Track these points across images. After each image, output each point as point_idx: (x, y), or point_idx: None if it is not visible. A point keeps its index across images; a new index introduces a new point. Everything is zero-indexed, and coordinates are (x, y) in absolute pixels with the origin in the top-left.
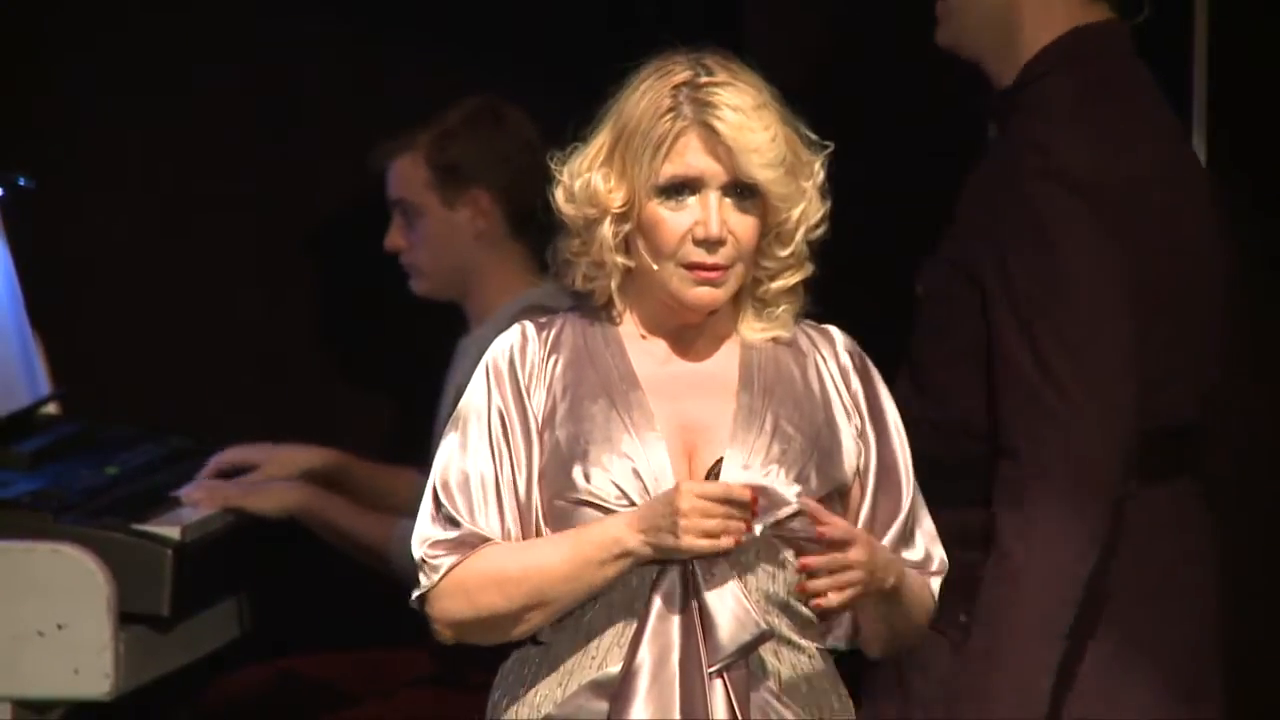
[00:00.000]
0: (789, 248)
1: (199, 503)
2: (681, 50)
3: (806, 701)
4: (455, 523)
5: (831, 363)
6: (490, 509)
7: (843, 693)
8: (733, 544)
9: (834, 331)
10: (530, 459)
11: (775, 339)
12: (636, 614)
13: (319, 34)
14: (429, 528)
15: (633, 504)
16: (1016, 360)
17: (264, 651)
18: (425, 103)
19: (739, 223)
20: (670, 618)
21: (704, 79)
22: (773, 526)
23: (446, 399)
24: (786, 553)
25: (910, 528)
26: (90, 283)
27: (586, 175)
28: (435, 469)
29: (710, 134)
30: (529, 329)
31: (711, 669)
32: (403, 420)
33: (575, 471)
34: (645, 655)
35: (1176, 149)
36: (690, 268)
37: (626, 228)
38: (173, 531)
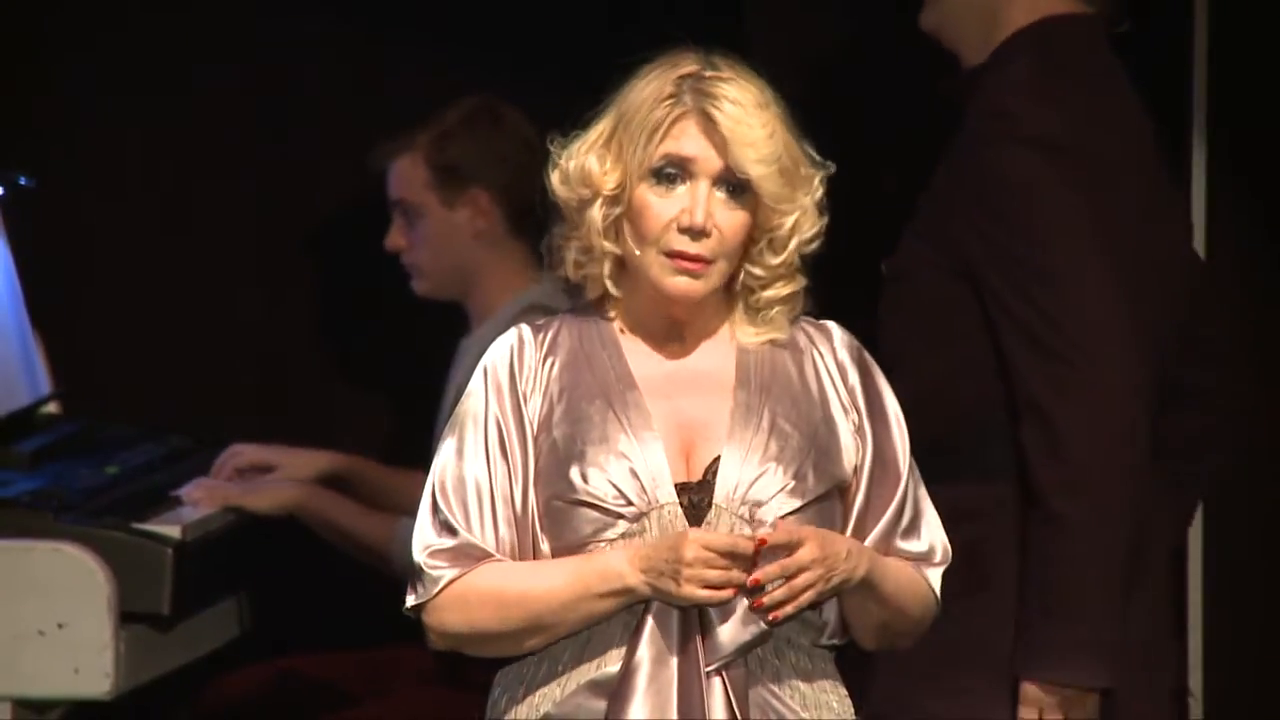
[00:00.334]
0: (780, 256)
1: (199, 502)
2: (693, 49)
3: (806, 701)
4: (453, 530)
5: (829, 359)
6: (486, 518)
7: (842, 692)
8: (732, 595)
9: (832, 327)
10: (527, 467)
11: (772, 341)
12: (636, 613)
13: (319, 34)
14: (428, 533)
15: (630, 503)
16: (1021, 322)
17: (264, 651)
18: (425, 103)
19: (726, 218)
20: (669, 617)
21: (710, 73)
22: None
23: (448, 399)
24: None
25: (914, 520)
26: (90, 283)
27: (582, 157)
28: (434, 471)
29: (708, 123)
30: (525, 332)
31: (710, 668)
32: (403, 420)
33: (572, 472)
34: (644, 654)
35: (1142, 140)
36: (672, 256)
37: (617, 211)
38: (173, 531)
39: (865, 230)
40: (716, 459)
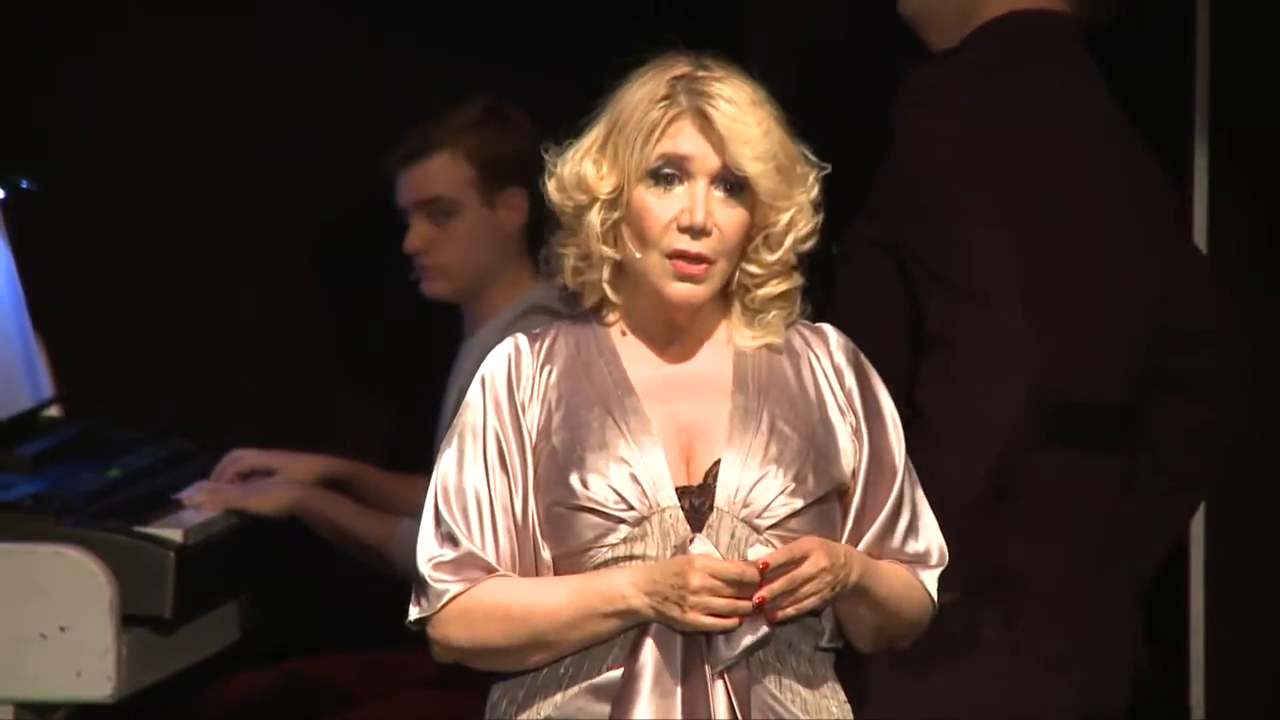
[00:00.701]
0: (777, 253)
1: (201, 505)
2: (684, 51)
3: (807, 705)
4: (455, 541)
5: (825, 361)
6: (486, 528)
7: (842, 698)
8: (738, 623)
9: (828, 330)
10: (526, 476)
11: (768, 345)
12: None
13: (319, 34)
14: (431, 545)
15: (631, 508)
16: (928, 266)
17: (266, 654)
18: (425, 103)
19: (725, 216)
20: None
21: (703, 73)
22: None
23: (448, 402)
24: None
25: (911, 522)
26: (91, 285)
27: (578, 163)
28: (434, 483)
29: (704, 122)
30: (521, 342)
31: (714, 671)
32: (403, 421)
33: (572, 478)
34: (647, 657)
35: (1108, 133)
36: (674, 256)
37: (615, 215)
38: (175, 534)
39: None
40: (716, 462)
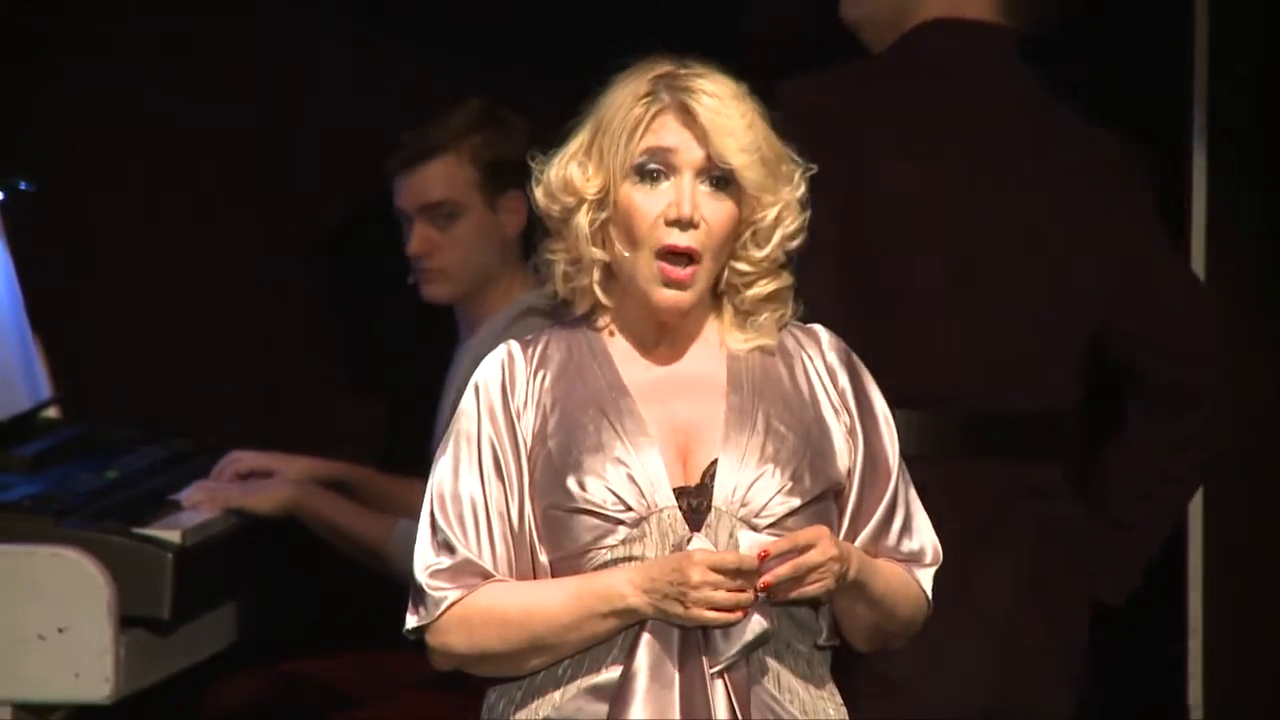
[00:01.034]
0: (765, 250)
1: (198, 504)
2: (667, 53)
3: (805, 707)
4: (451, 548)
5: (818, 362)
6: (483, 534)
7: (839, 700)
8: (740, 616)
9: (819, 330)
10: (522, 482)
11: (760, 347)
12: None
13: (319, 34)
14: (428, 553)
15: (629, 509)
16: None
17: (264, 654)
18: (425, 103)
19: (713, 210)
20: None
21: (684, 70)
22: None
23: (445, 405)
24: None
25: (905, 521)
26: (90, 284)
27: (563, 168)
28: (430, 491)
29: (687, 116)
30: (514, 348)
31: (714, 670)
32: (402, 422)
33: (570, 481)
34: (643, 657)
35: (1015, 142)
36: (663, 254)
37: (603, 215)
38: (173, 535)
39: None
40: (713, 462)
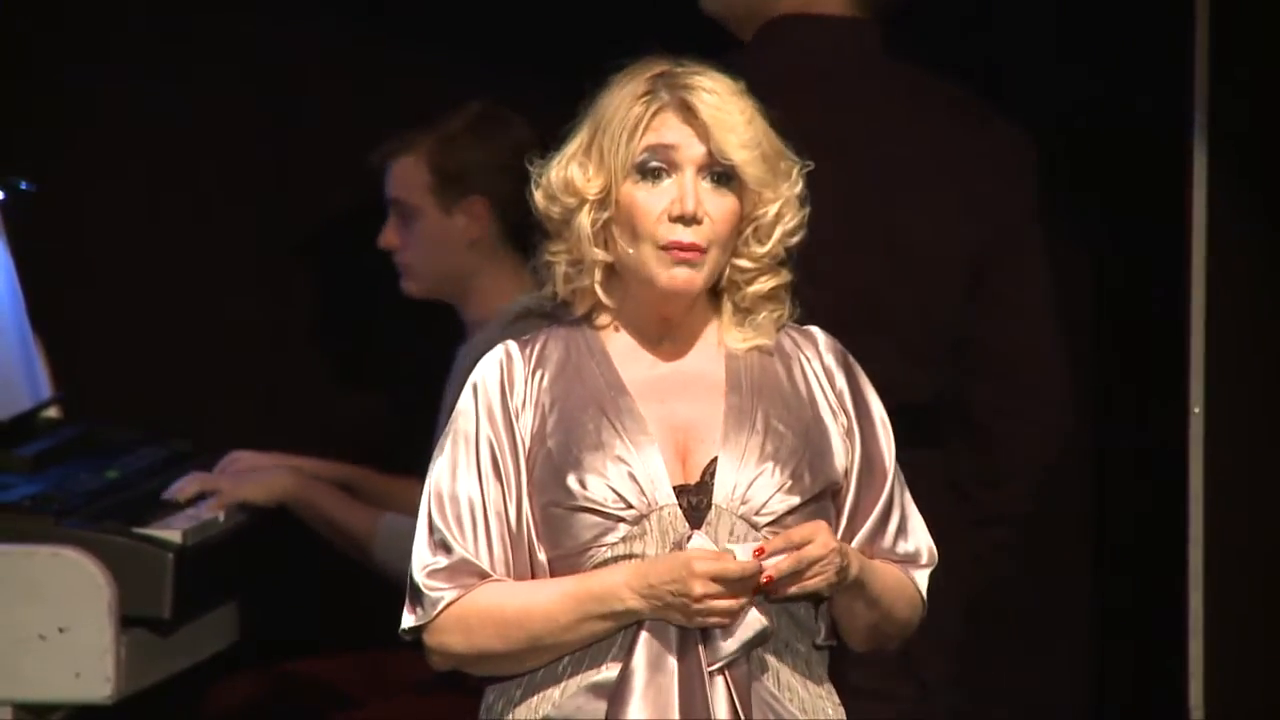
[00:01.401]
0: (766, 246)
1: (189, 493)
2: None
3: (804, 705)
4: (448, 548)
5: (815, 363)
6: (480, 534)
7: (836, 700)
8: (738, 603)
9: (816, 332)
10: (520, 482)
11: (759, 347)
12: None
13: (319, 34)
14: (425, 553)
15: (630, 506)
16: None
17: (265, 654)
18: (425, 103)
19: (716, 205)
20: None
21: (680, 69)
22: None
23: (445, 406)
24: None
25: (901, 522)
26: (90, 284)
27: (563, 169)
28: (427, 492)
29: (688, 113)
30: (512, 348)
31: (713, 667)
32: (402, 423)
33: (570, 479)
34: (641, 655)
35: (856, 134)
36: (667, 248)
37: (605, 215)
38: (174, 535)
39: None
40: (713, 461)
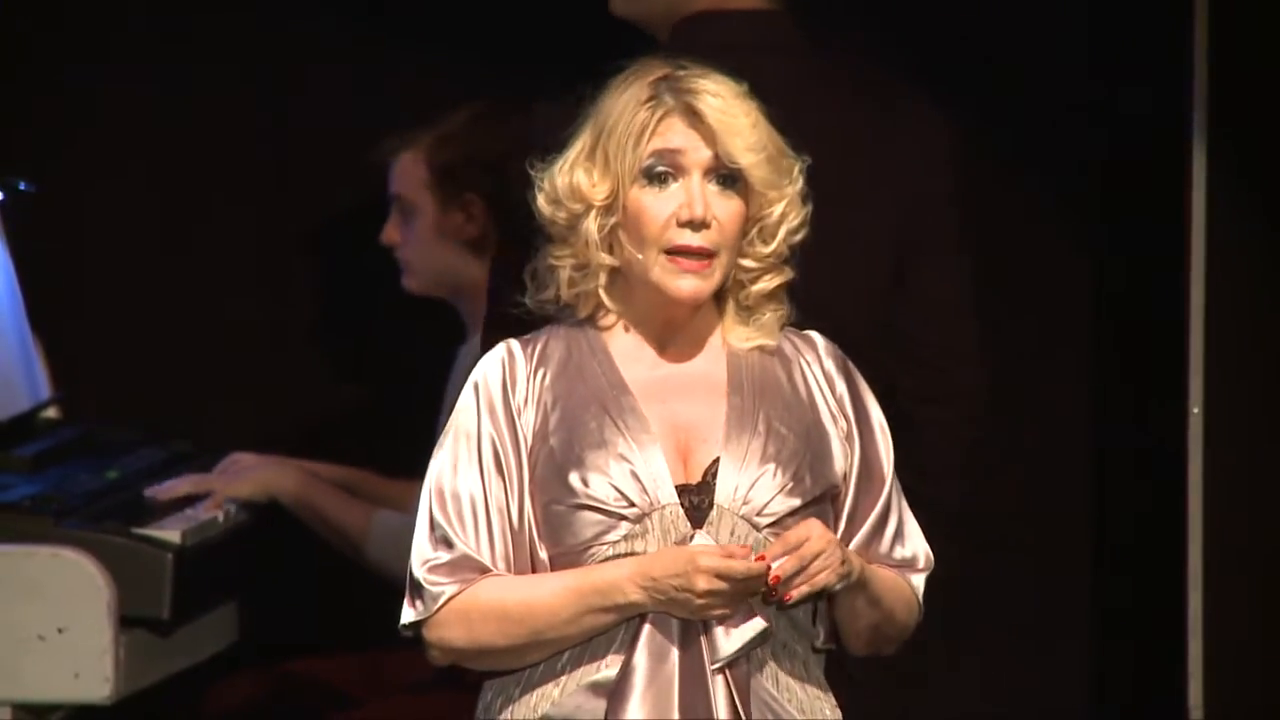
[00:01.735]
0: (771, 245)
1: (176, 492)
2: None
3: (803, 706)
4: (449, 543)
5: (815, 367)
6: (481, 530)
7: (834, 703)
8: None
9: (815, 336)
10: (522, 481)
11: (760, 347)
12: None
13: (319, 34)
14: (425, 549)
15: (632, 505)
16: None
17: (264, 655)
18: (425, 102)
19: (723, 208)
20: (669, 617)
21: (682, 72)
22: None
23: (447, 405)
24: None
25: (898, 527)
26: (90, 286)
27: (568, 174)
28: (428, 486)
29: (693, 117)
30: (514, 346)
31: (713, 667)
32: (402, 422)
33: (572, 477)
34: (642, 654)
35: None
36: (674, 253)
37: (611, 221)
38: (173, 535)
39: None
40: (715, 461)
